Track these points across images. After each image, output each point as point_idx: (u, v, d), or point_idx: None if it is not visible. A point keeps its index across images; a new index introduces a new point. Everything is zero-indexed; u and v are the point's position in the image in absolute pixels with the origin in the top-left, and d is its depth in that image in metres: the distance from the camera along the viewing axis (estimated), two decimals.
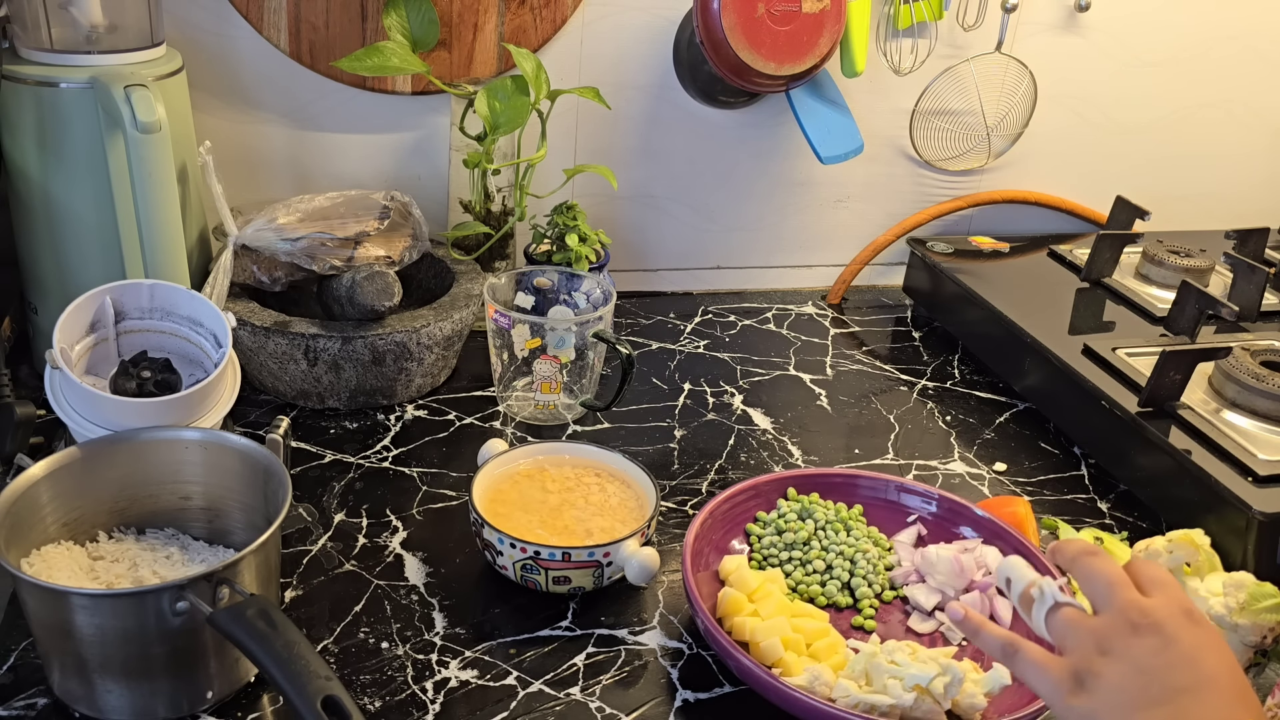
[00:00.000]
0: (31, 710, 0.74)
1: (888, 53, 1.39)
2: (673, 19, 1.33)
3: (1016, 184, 1.55)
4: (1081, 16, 1.45)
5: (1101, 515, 1.04)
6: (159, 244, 0.97)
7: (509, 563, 0.86)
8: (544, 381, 1.10)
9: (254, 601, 0.68)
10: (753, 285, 1.51)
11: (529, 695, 0.78)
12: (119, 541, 0.83)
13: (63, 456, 0.80)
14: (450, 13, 1.24)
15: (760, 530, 0.95)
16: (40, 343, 1.11)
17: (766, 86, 1.26)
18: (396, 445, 1.07)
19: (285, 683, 0.64)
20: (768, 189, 1.46)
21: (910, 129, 1.45)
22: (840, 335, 1.39)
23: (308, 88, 1.26)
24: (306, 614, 0.84)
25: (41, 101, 0.99)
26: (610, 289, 1.14)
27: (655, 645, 0.84)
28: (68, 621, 0.70)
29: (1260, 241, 1.40)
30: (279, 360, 1.07)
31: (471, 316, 1.15)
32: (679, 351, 1.31)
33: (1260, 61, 1.55)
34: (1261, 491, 0.93)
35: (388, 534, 0.94)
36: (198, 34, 1.20)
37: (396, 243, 1.15)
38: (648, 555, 0.85)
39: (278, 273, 1.12)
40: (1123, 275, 1.36)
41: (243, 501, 0.84)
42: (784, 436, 1.14)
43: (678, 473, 1.07)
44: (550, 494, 0.94)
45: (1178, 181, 1.61)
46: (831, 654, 0.81)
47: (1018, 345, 1.20)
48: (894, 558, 0.94)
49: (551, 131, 1.27)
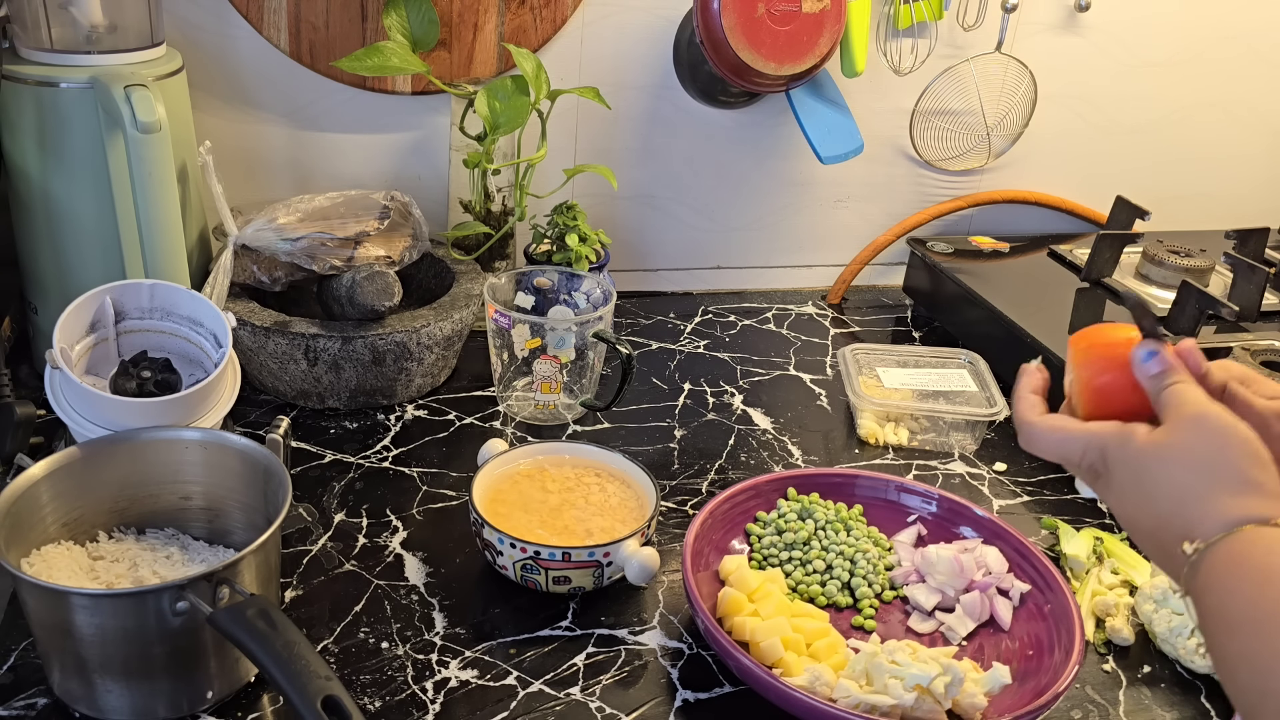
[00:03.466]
0: (31, 710, 0.74)
1: (888, 53, 1.39)
2: (673, 19, 1.33)
3: (1016, 184, 1.55)
4: (1081, 16, 1.45)
5: (1101, 515, 1.04)
6: (159, 244, 0.97)
7: (509, 563, 0.86)
8: (544, 381, 1.10)
9: (254, 601, 0.68)
10: (753, 285, 1.51)
11: (529, 695, 0.78)
12: (119, 541, 0.83)
13: (63, 456, 0.80)
14: (450, 13, 1.24)
15: (760, 530, 0.95)
16: (40, 343, 1.11)
17: (766, 86, 1.26)
18: (396, 445, 1.07)
19: (285, 683, 0.64)
20: (768, 189, 1.46)
21: (910, 129, 1.45)
22: (840, 335, 1.39)
23: (308, 88, 1.26)
24: (306, 614, 0.84)
25: (41, 101, 0.99)
26: (610, 289, 1.14)
27: (655, 645, 0.84)
28: (68, 621, 0.70)
29: (1260, 241, 1.39)
30: (279, 360, 1.07)
31: (471, 316, 1.15)
32: (679, 351, 1.31)
33: (1260, 62, 1.55)
34: None
35: (388, 534, 0.94)
36: (198, 34, 1.20)
37: (396, 243, 1.15)
38: (648, 555, 0.85)
39: (278, 273, 1.12)
40: (1123, 275, 1.36)
41: (243, 501, 0.84)
42: (784, 436, 1.14)
43: (678, 473, 1.07)
44: (550, 494, 0.94)
45: (1178, 181, 1.61)
46: (832, 654, 0.81)
47: (1018, 345, 1.20)
48: (894, 558, 0.94)
49: (551, 131, 1.27)
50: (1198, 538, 0.55)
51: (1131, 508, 0.60)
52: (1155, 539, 0.59)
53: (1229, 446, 0.58)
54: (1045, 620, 0.84)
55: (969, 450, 1.14)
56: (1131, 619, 0.89)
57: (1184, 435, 0.59)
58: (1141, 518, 0.60)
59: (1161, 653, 0.87)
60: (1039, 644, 0.83)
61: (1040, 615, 0.85)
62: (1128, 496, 0.60)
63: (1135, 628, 0.88)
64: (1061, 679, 0.76)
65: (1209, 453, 0.58)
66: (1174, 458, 0.58)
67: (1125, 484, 0.60)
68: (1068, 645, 0.80)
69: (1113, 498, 0.62)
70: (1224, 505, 0.56)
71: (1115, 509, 0.62)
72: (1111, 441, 0.61)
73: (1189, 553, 0.55)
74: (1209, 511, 0.56)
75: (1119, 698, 0.82)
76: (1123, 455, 0.61)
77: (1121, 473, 0.61)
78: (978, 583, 0.89)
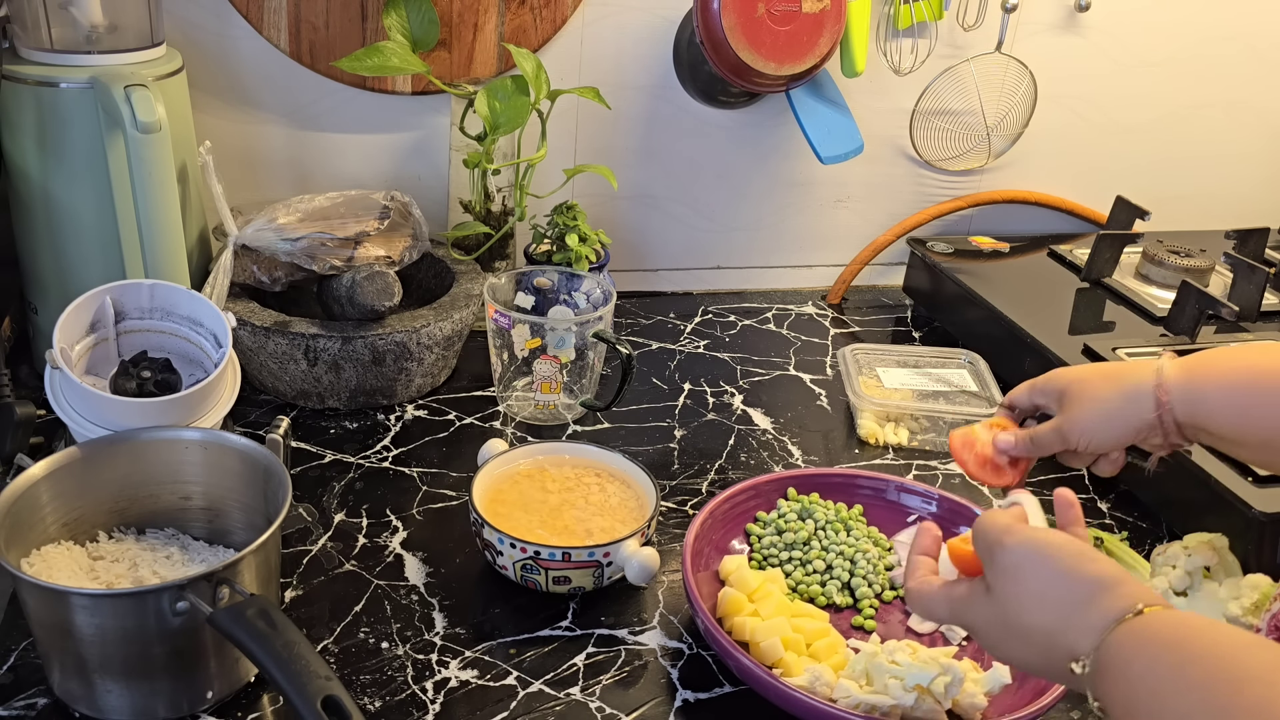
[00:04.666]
0: (31, 710, 0.74)
1: (888, 53, 1.39)
2: (673, 19, 1.33)
3: (1016, 184, 1.55)
4: (1081, 16, 1.45)
5: (1101, 515, 1.04)
6: (159, 244, 0.97)
7: (509, 563, 0.86)
8: (544, 381, 1.10)
9: (254, 601, 0.68)
10: (753, 285, 1.51)
11: (529, 695, 0.78)
12: (119, 541, 0.83)
13: (63, 456, 0.80)
14: (450, 13, 1.24)
15: (760, 530, 0.95)
16: (40, 343, 1.11)
17: (766, 86, 1.26)
18: (396, 445, 1.07)
19: (285, 683, 0.64)
20: (768, 189, 1.46)
21: (910, 129, 1.45)
22: (840, 335, 1.39)
23: (308, 88, 1.26)
24: (306, 614, 0.84)
25: (41, 101, 0.99)
26: (610, 289, 1.14)
27: (655, 645, 0.84)
28: (68, 621, 0.70)
29: (1260, 241, 1.39)
30: (279, 360, 1.07)
31: (471, 316, 1.15)
32: (679, 351, 1.31)
33: (1260, 61, 1.55)
34: (1261, 491, 0.92)
35: (388, 534, 0.94)
36: (198, 34, 1.20)
37: (396, 243, 1.15)
38: (648, 555, 0.85)
39: (278, 273, 1.12)
40: (1123, 275, 1.36)
41: (243, 501, 0.84)
42: (784, 436, 1.14)
43: (678, 473, 1.07)
44: (550, 494, 0.94)
45: (1178, 181, 1.61)
46: (832, 654, 0.81)
47: (1018, 345, 1.20)
48: (894, 558, 0.94)
49: (551, 131, 1.27)
50: (1080, 656, 0.57)
51: (1016, 652, 0.62)
52: (1051, 670, 0.60)
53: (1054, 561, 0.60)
54: None
55: None
56: None
57: (1014, 581, 0.61)
58: (1029, 657, 0.61)
59: None
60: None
61: None
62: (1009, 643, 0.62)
63: None
64: None
65: (1044, 582, 0.60)
66: (1021, 602, 0.60)
67: (996, 635, 0.63)
68: None
69: (994, 649, 0.63)
70: (1087, 618, 0.57)
71: (1001, 658, 0.64)
72: (965, 603, 0.65)
73: (1078, 672, 0.56)
74: (1080, 629, 0.57)
75: None
76: (982, 614, 0.63)
77: (988, 628, 0.63)
78: None
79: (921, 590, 0.68)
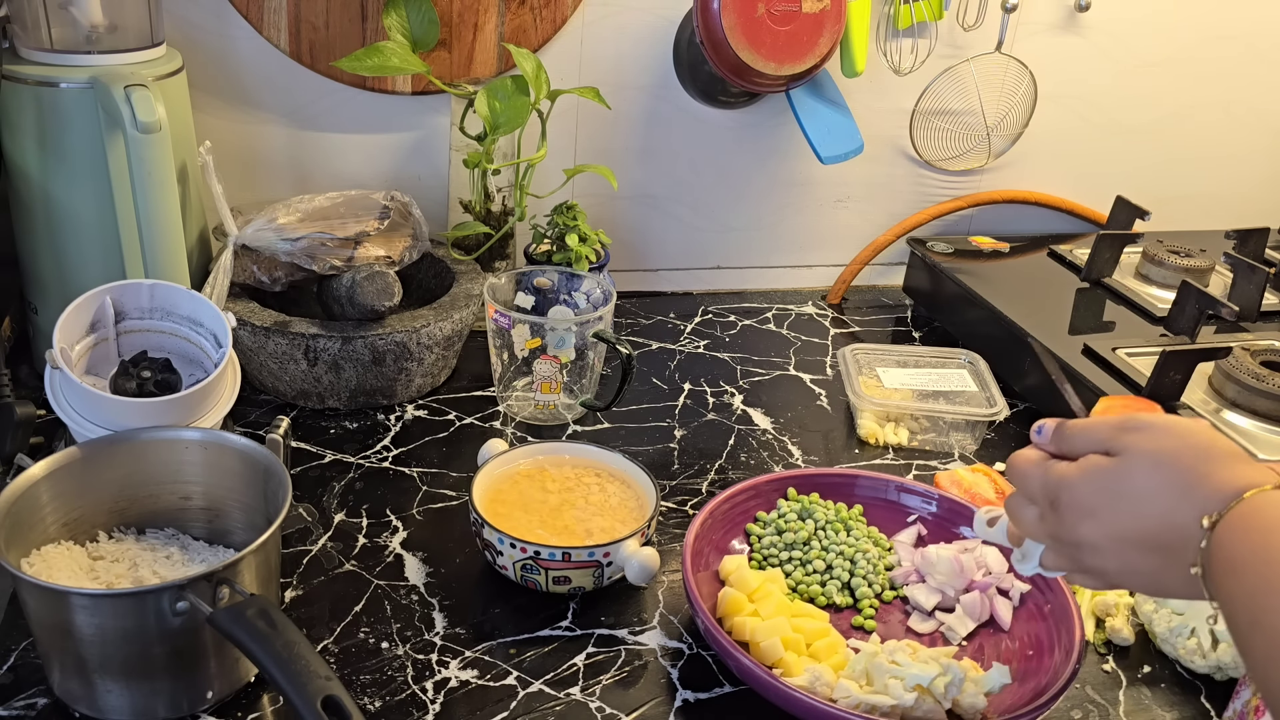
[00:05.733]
0: (31, 710, 0.74)
1: (888, 53, 1.39)
2: (673, 19, 1.33)
3: (1016, 184, 1.55)
4: (1081, 16, 1.45)
5: None
6: (159, 244, 0.97)
7: (509, 563, 0.86)
8: (544, 381, 1.10)
9: (254, 601, 0.68)
10: (753, 285, 1.51)
11: (529, 695, 0.78)
12: (119, 541, 0.83)
13: (63, 456, 0.80)
14: (450, 13, 1.24)
15: (760, 530, 0.95)
16: (40, 343, 1.11)
17: (766, 86, 1.26)
18: (396, 445, 1.07)
19: (285, 683, 0.64)
20: (768, 189, 1.46)
21: (910, 129, 1.45)
22: (840, 335, 1.39)
23: (308, 88, 1.26)
24: (306, 614, 0.84)
25: (41, 101, 0.99)
26: (610, 289, 1.14)
27: (655, 645, 0.84)
28: (68, 621, 0.70)
29: (1260, 241, 1.40)
30: (279, 360, 1.07)
31: (471, 316, 1.15)
32: (679, 351, 1.31)
33: (1260, 62, 1.55)
34: None
35: (388, 534, 0.94)
36: (198, 34, 1.20)
37: (396, 243, 1.15)
38: (648, 555, 0.85)
39: (278, 273, 1.12)
40: (1123, 275, 1.36)
41: (243, 501, 0.84)
42: (784, 436, 1.14)
43: (678, 473, 1.07)
44: (550, 494, 0.94)
45: (1178, 181, 1.61)
46: (831, 654, 0.81)
47: (1018, 345, 1.20)
48: (894, 558, 0.94)
49: (551, 131, 1.27)
50: (1212, 511, 0.55)
51: (1123, 520, 0.59)
52: (1153, 541, 0.58)
53: (1202, 431, 0.59)
54: (1045, 620, 0.84)
55: (969, 450, 1.13)
56: (1131, 619, 0.89)
57: (1157, 437, 0.59)
58: (1127, 528, 0.59)
59: (1161, 653, 0.87)
60: (1039, 644, 0.83)
61: (1040, 615, 0.85)
62: (1101, 515, 0.60)
63: (1135, 628, 0.89)
64: (1061, 679, 0.76)
65: (1190, 441, 0.58)
66: (1156, 458, 0.58)
67: (1097, 502, 0.60)
68: (1068, 645, 0.80)
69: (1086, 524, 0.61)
70: (1226, 476, 0.55)
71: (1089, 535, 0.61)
72: (1071, 473, 0.62)
73: (1205, 525, 0.54)
74: (1215, 486, 0.55)
75: (1119, 698, 0.82)
76: (1089, 475, 0.61)
77: (1090, 493, 0.61)
78: (978, 583, 0.89)
79: (1019, 457, 0.66)
